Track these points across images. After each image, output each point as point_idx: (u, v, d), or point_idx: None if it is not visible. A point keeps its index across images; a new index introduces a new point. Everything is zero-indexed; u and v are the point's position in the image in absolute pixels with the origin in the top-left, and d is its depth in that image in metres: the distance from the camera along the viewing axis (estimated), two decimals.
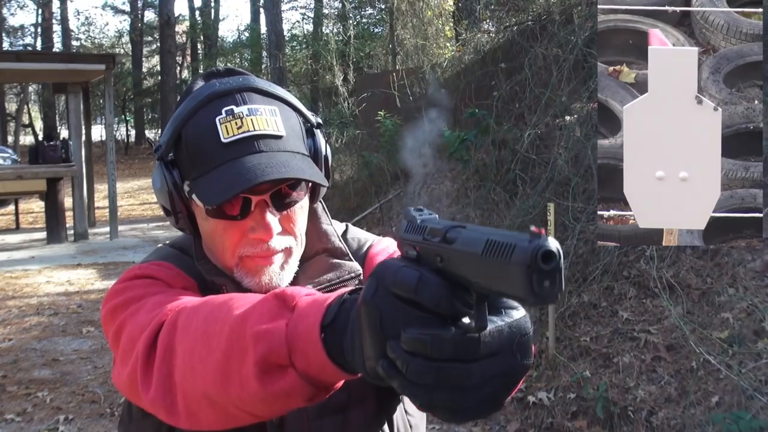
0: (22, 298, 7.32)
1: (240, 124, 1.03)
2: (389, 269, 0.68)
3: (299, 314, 0.77)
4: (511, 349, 0.64)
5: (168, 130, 1.09)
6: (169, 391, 0.87)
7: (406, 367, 0.63)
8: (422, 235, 0.72)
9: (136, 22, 33.25)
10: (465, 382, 0.63)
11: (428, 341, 0.62)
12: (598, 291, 4.31)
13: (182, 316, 0.90)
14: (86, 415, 4.31)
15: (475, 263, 0.60)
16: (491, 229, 0.62)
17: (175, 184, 1.08)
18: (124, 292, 1.06)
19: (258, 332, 0.77)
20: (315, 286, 1.12)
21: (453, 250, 0.64)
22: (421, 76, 8.73)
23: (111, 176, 11.18)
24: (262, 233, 1.05)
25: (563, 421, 3.49)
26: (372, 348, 0.68)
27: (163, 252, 1.19)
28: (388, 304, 0.67)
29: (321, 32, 21.14)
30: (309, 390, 0.76)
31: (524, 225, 5.35)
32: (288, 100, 1.11)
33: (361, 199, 9.04)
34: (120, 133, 29.59)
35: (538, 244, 0.56)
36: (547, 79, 5.95)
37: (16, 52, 16.75)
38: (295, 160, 1.04)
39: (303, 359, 0.75)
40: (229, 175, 1.00)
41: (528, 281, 0.55)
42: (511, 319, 0.65)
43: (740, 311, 3.62)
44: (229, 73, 1.14)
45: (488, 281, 0.59)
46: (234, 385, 0.79)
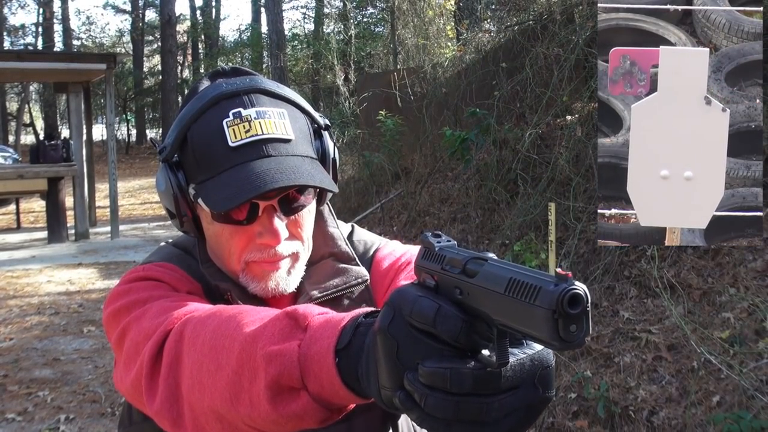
0: (23, 298, 7.32)
1: (248, 128, 1.01)
2: (406, 299, 0.66)
3: (312, 335, 0.75)
4: (532, 382, 0.63)
5: (173, 132, 1.06)
6: (175, 403, 0.86)
7: (424, 401, 0.62)
8: (441, 265, 0.69)
9: (137, 22, 33.26)
10: (484, 417, 0.61)
11: (448, 375, 0.61)
12: (599, 291, 4.30)
13: (189, 326, 0.88)
14: (87, 414, 4.31)
15: (497, 301, 0.59)
16: (515, 266, 0.60)
17: (180, 186, 1.05)
18: (128, 294, 1.04)
19: (270, 353, 0.75)
20: (321, 292, 1.10)
21: (473, 284, 0.62)
22: (422, 76, 8.73)
23: (112, 176, 11.18)
24: (269, 238, 1.03)
25: (564, 420, 3.49)
26: (388, 379, 0.66)
27: (166, 252, 1.17)
28: (405, 335, 0.65)
29: (322, 32, 21.14)
30: (322, 412, 0.75)
31: (525, 225, 5.35)
32: (296, 102, 1.09)
33: (362, 198, 9.05)
34: (121, 132, 29.59)
35: (564, 288, 0.54)
36: (548, 79, 5.94)
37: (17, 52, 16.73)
38: (304, 165, 1.02)
39: (316, 382, 0.73)
40: (238, 181, 0.98)
41: (554, 326, 0.53)
42: (533, 352, 0.64)
43: (741, 311, 3.61)
44: (235, 72, 1.12)
45: (511, 321, 0.58)
46: (244, 405, 0.77)
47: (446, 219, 6.83)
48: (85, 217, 11.07)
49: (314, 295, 1.09)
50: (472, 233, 6.22)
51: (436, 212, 7.16)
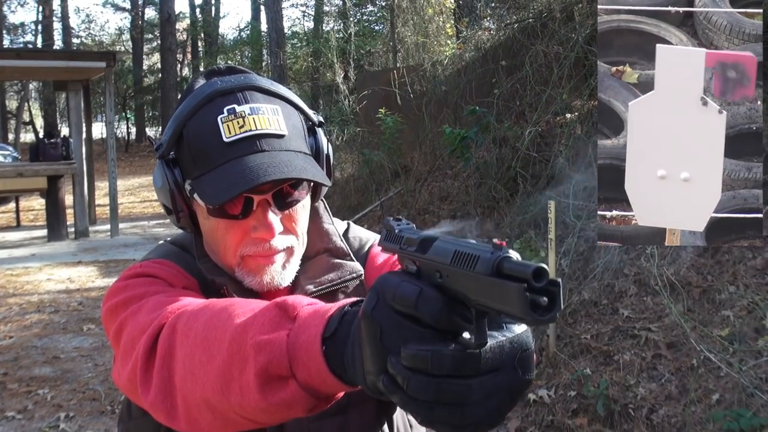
0: (23, 296, 7.32)
1: (242, 123, 1.03)
2: (389, 283, 0.68)
3: (300, 325, 0.76)
4: (512, 364, 0.64)
5: (169, 129, 1.08)
6: (169, 395, 0.87)
7: (406, 383, 0.63)
8: (399, 244, 0.75)
9: (136, 20, 33.21)
10: (465, 398, 0.62)
11: (428, 357, 0.62)
12: (598, 288, 4.31)
13: (182, 319, 0.89)
14: (87, 412, 4.32)
15: (472, 281, 0.61)
16: (462, 241, 0.65)
17: (177, 182, 1.07)
18: (125, 290, 1.06)
19: (259, 342, 0.77)
20: (316, 287, 1.12)
21: (425, 258, 0.67)
22: (421, 74, 8.73)
23: (111, 174, 11.18)
24: (264, 232, 1.04)
25: (564, 418, 3.50)
26: (372, 363, 0.67)
27: (164, 249, 1.19)
28: (388, 319, 0.66)
29: (321, 30, 21.14)
30: (310, 401, 0.76)
31: (525, 222, 5.36)
32: (290, 99, 1.11)
33: (361, 196, 9.05)
34: (120, 130, 29.54)
35: (498, 255, 0.59)
36: (547, 77, 5.95)
37: (17, 50, 16.74)
38: (297, 160, 1.04)
39: (304, 370, 0.74)
40: (231, 175, 1.00)
41: (525, 301, 0.55)
42: (512, 334, 0.65)
43: (741, 309, 3.62)
44: (230, 71, 1.14)
45: (486, 299, 0.60)
46: (234, 394, 0.79)
47: (446, 217, 6.84)
48: (84, 215, 11.07)
49: (309, 290, 1.11)
50: (472, 231, 6.22)
51: (435, 210, 7.17)
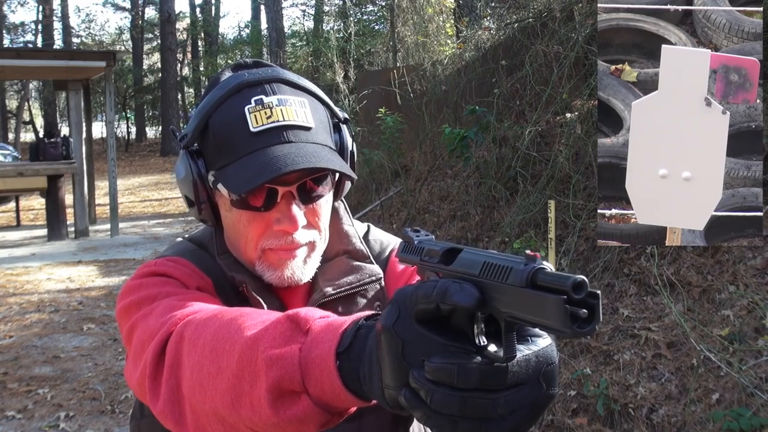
0: (23, 295, 7.32)
1: (269, 114, 1.02)
2: (408, 292, 0.67)
3: (313, 339, 0.75)
4: (537, 378, 0.63)
5: (194, 120, 1.07)
6: (177, 404, 0.86)
7: (430, 398, 0.62)
8: (420, 256, 0.74)
9: (136, 19, 33.24)
10: (490, 413, 0.61)
11: (454, 371, 0.61)
12: (598, 288, 4.30)
13: (190, 328, 0.88)
14: (87, 412, 4.32)
15: (504, 293, 0.60)
16: (489, 252, 0.63)
17: (200, 173, 1.06)
18: (139, 290, 1.05)
19: (270, 357, 0.75)
20: (335, 289, 1.10)
21: (450, 270, 0.66)
22: (421, 73, 8.72)
23: (112, 173, 11.18)
24: (287, 225, 1.03)
25: (564, 418, 3.50)
26: (393, 377, 0.66)
27: (180, 247, 1.18)
28: (411, 333, 0.65)
29: (321, 29, 21.14)
30: (323, 416, 0.75)
31: (525, 222, 5.36)
32: (316, 93, 1.11)
33: (361, 196, 9.05)
34: (120, 130, 29.57)
35: (533, 266, 0.58)
36: (547, 77, 5.94)
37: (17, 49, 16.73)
38: (323, 152, 1.03)
39: (317, 386, 0.73)
40: (257, 164, 0.99)
41: (565, 314, 0.54)
42: (538, 348, 0.64)
43: (741, 308, 3.62)
44: (257, 65, 1.13)
45: (520, 311, 0.59)
46: (245, 408, 0.77)
47: (446, 216, 6.84)
48: (84, 214, 11.07)
49: (328, 292, 1.10)
50: (472, 231, 6.23)
51: (435, 210, 7.16)
